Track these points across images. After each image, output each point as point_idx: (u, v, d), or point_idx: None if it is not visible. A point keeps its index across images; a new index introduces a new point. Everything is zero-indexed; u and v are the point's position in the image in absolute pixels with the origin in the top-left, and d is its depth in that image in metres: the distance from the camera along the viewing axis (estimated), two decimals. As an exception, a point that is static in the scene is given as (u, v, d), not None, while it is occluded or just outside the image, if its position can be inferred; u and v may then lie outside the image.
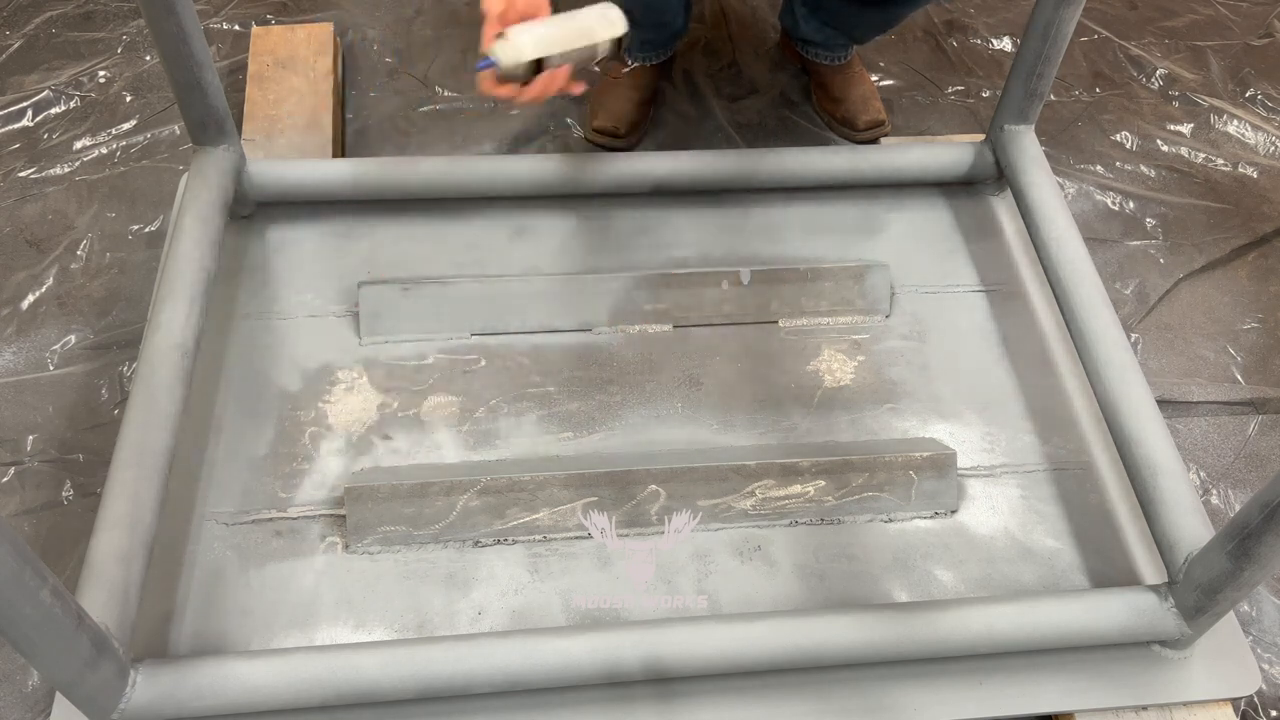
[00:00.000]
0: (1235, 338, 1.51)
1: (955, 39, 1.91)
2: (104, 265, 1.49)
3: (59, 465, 1.29)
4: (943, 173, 1.49)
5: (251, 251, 1.40)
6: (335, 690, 0.96)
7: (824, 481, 1.19)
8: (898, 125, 1.75)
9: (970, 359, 1.35)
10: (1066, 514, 1.22)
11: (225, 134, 1.32)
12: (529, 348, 1.33)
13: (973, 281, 1.43)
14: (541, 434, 1.25)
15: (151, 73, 1.74)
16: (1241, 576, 0.93)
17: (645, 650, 0.99)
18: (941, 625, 1.02)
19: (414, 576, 1.13)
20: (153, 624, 1.08)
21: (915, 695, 1.06)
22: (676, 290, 1.36)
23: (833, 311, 1.38)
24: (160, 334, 1.14)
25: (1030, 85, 1.37)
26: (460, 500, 1.15)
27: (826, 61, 1.70)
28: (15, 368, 1.37)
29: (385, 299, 1.32)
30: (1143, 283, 1.56)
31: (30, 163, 1.60)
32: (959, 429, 1.29)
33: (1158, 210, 1.66)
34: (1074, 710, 1.07)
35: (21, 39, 1.78)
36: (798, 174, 1.46)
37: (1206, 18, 1.98)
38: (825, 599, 1.14)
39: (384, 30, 1.86)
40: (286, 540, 1.15)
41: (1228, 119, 1.80)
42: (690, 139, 1.71)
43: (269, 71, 1.64)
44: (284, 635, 1.09)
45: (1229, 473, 1.37)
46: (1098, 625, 1.04)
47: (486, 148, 1.69)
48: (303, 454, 1.22)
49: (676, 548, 1.17)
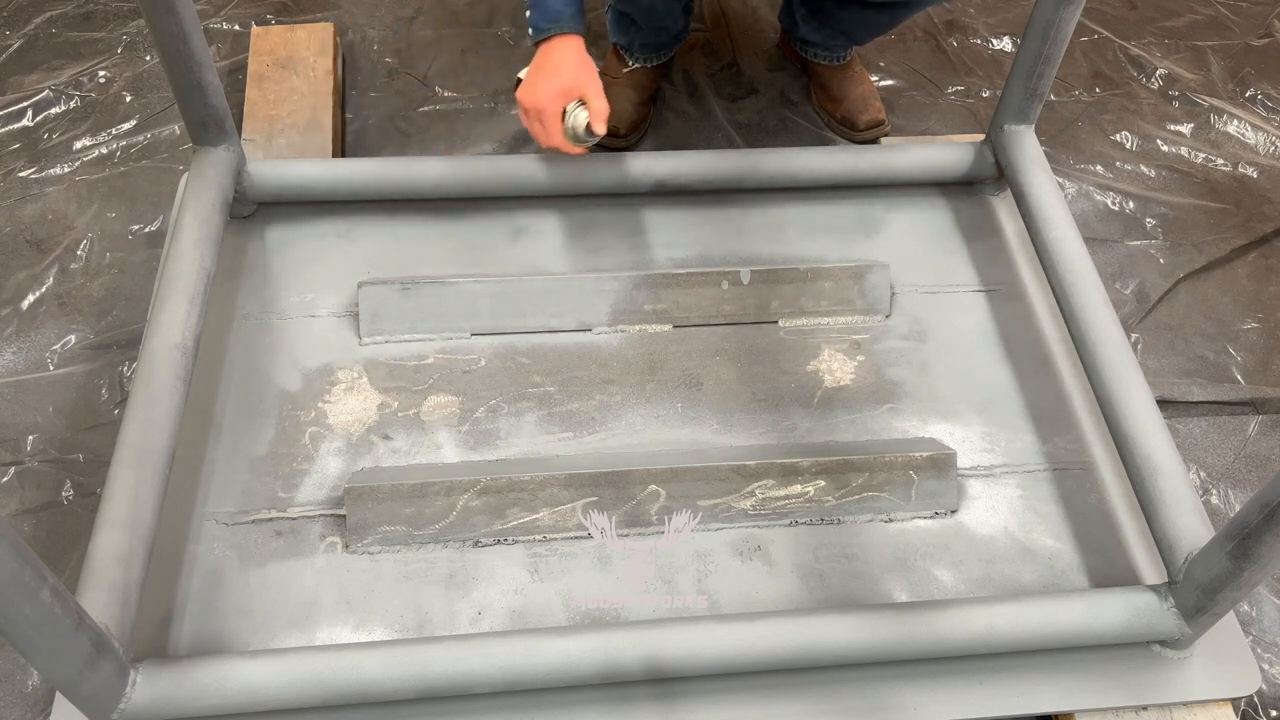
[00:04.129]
0: (1235, 338, 1.51)
1: (955, 39, 1.91)
2: (104, 265, 1.49)
3: (59, 465, 1.29)
4: (943, 173, 1.49)
5: (251, 251, 1.40)
6: (335, 690, 0.96)
7: (824, 481, 1.20)
8: (898, 125, 1.75)
9: (970, 359, 1.35)
10: (1066, 514, 1.22)
11: (225, 134, 1.32)
12: (529, 348, 1.33)
13: (973, 281, 1.43)
14: (541, 434, 1.25)
15: (151, 73, 1.74)
16: (1241, 576, 0.93)
17: (645, 650, 0.99)
18: (941, 625, 1.02)
19: (414, 576, 1.13)
20: (153, 624, 1.08)
21: (915, 695, 1.06)
22: (676, 290, 1.36)
23: (833, 311, 1.38)
24: (160, 334, 1.14)
25: (1030, 85, 1.37)
26: (460, 500, 1.15)
27: (826, 61, 1.70)
28: (15, 368, 1.38)
29: (385, 299, 1.32)
30: (1143, 283, 1.56)
31: (30, 163, 1.60)
32: (959, 429, 1.29)
33: (1158, 210, 1.66)
34: (1074, 710, 1.07)
35: (21, 39, 1.78)
36: (798, 174, 1.46)
37: (1206, 18, 1.98)
38: (825, 599, 1.14)
39: (384, 30, 1.86)
40: (286, 540, 1.15)
41: (1228, 119, 1.80)
42: (690, 139, 1.71)
43: (269, 71, 1.64)
44: (284, 635, 1.09)
45: (1229, 473, 1.37)
46: (1098, 625, 1.04)
47: (486, 148, 1.69)
48: (303, 454, 1.22)
49: (676, 548, 1.17)
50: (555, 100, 1.24)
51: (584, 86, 1.24)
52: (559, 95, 1.24)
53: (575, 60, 1.25)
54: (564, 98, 1.25)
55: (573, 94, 1.25)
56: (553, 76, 1.24)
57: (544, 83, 1.24)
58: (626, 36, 1.61)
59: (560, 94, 1.24)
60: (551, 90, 1.24)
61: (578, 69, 1.25)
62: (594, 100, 1.24)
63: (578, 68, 1.25)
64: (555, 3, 1.23)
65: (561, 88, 1.24)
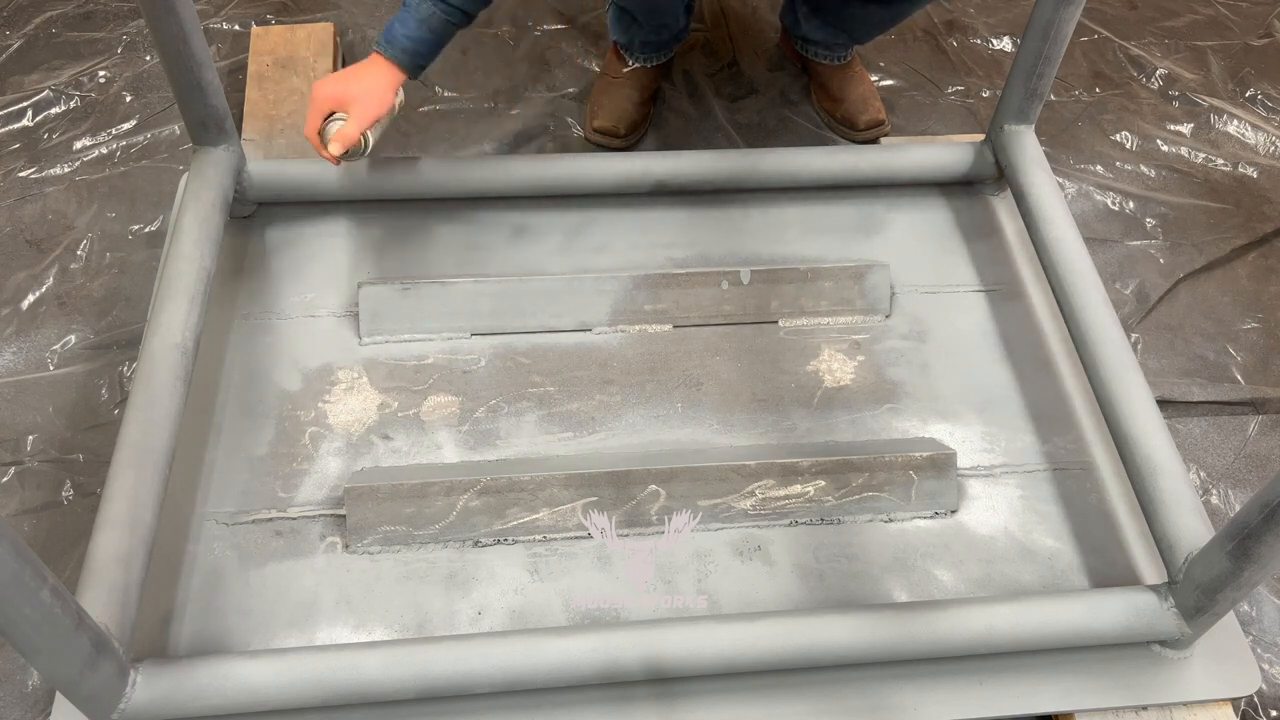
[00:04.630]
0: (1235, 338, 1.51)
1: (955, 39, 1.91)
2: (104, 265, 1.48)
3: (59, 465, 1.29)
4: (943, 173, 1.49)
5: (251, 251, 1.40)
6: (335, 690, 0.96)
7: (824, 481, 1.20)
8: (898, 125, 1.75)
9: (970, 359, 1.35)
10: (1066, 514, 1.22)
11: (225, 134, 1.32)
12: (529, 348, 1.33)
13: (973, 281, 1.43)
14: (541, 434, 1.25)
15: (151, 73, 1.74)
16: (1241, 576, 0.93)
17: (645, 650, 0.99)
18: (941, 625, 1.02)
19: (414, 576, 1.13)
20: (153, 624, 1.08)
21: (915, 695, 1.06)
22: (676, 290, 1.36)
23: (833, 311, 1.38)
24: (160, 334, 1.14)
25: (1030, 85, 1.37)
26: (460, 500, 1.15)
27: (826, 61, 1.70)
28: (15, 368, 1.37)
29: (385, 299, 1.32)
30: (1143, 283, 1.56)
31: (30, 163, 1.60)
32: (959, 429, 1.29)
33: (1158, 210, 1.66)
34: (1074, 710, 1.07)
35: (21, 39, 1.78)
36: (798, 174, 1.46)
37: (1206, 18, 1.98)
38: (825, 599, 1.14)
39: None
40: (286, 540, 1.15)
41: (1228, 119, 1.80)
42: (690, 139, 1.71)
43: (269, 71, 1.64)
44: (284, 635, 1.09)
45: (1229, 473, 1.37)
46: (1098, 625, 1.04)
47: (486, 148, 1.69)
48: (303, 454, 1.22)
49: (676, 548, 1.17)
50: (327, 99, 1.23)
51: (358, 106, 1.22)
52: (332, 97, 1.23)
53: (374, 83, 1.24)
54: (335, 102, 1.23)
55: (345, 104, 1.23)
56: (345, 80, 1.24)
57: (335, 80, 1.24)
58: (627, 35, 1.61)
59: (334, 97, 1.23)
60: (331, 89, 1.23)
61: (369, 91, 1.23)
62: (350, 124, 1.22)
63: (370, 90, 1.23)
64: (401, 29, 1.23)
65: (341, 93, 1.23)
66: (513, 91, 1.77)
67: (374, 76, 1.24)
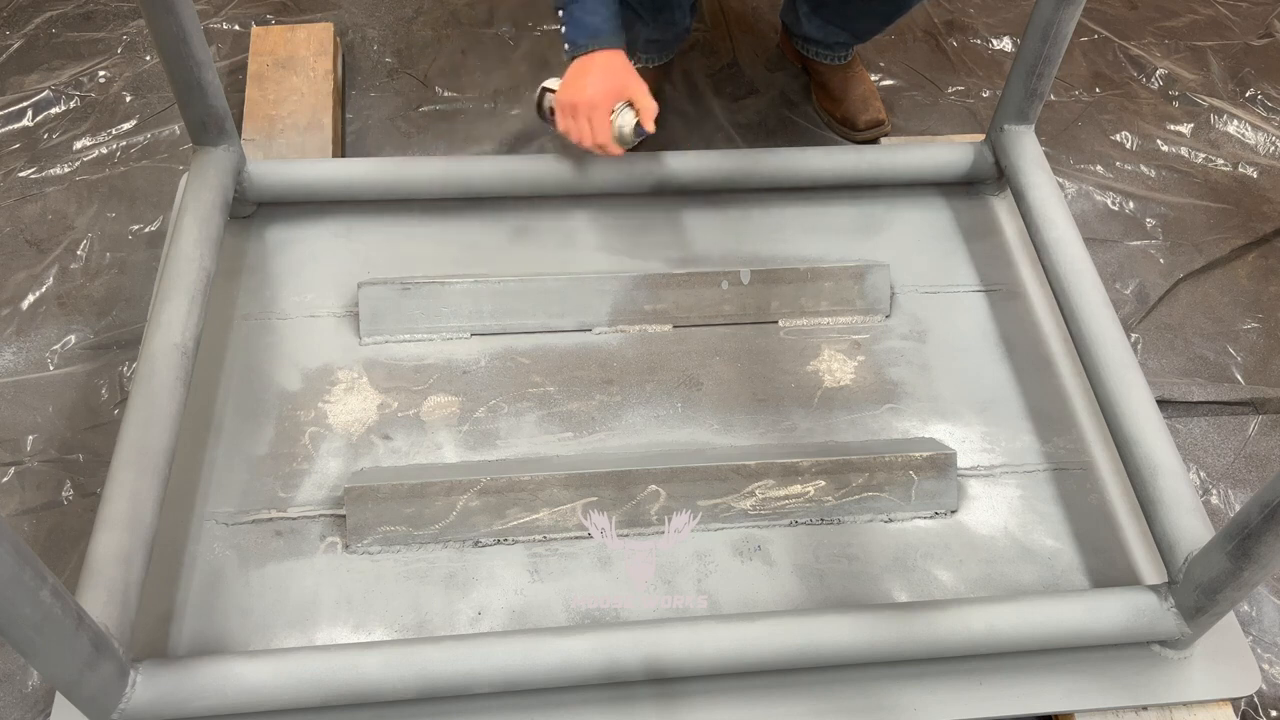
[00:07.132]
0: (1235, 338, 1.51)
1: (955, 39, 1.91)
2: (104, 265, 1.49)
3: (59, 465, 1.29)
4: (943, 173, 1.49)
5: (251, 251, 1.40)
6: (335, 690, 0.96)
7: (824, 481, 1.19)
8: (898, 125, 1.75)
9: (970, 359, 1.35)
10: (1066, 514, 1.22)
11: (225, 134, 1.32)
12: (529, 348, 1.33)
13: (973, 281, 1.43)
14: (541, 434, 1.25)
15: (151, 73, 1.74)
16: (1241, 576, 0.93)
17: (645, 650, 0.99)
18: (941, 625, 1.02)
19: (414, 577, 1.13)
20: (153, 624, 1.08)
21: (915, 695, 1.06)
22: (676, 290, 1.36)
23: (833, 311, 1.38)
24: (160, 334, 1.14)
25: (1030, 85, 1.37)
26: (460, 500, 1.15)
27: (827, 61, 1.70)
28: (15, 368, 1.38)
29: (385, 299, 1.32)
30: (1143, 283, 1.56)
31: (30, 163, 1.60)
32: (959, 429, 1.29)
33: (1158, 210, 1.66)
34: (1074, 710, 1.07)
35: (21, 39, 1.78)
36: (798, 174, 1.46)
37: (1206, 18, 1.98)
38: (825, 599, 1.14)
39: (384, 30, 1.86)
40: (286, 540, 1.15)
41: (1228, 119, 1.80)
42: (690, 139, 1.71)
43: (269, 71, 1.64)
44: (284, 635, 1.09)
45: (1229, 473, 1.37)
46: (1098, 625, 1.04)
47: (486, 148, 1.69)
48: (303, 454, 1.22)
49: (676, 548, 1.17)
50: (607, 98, 1.27)
51: (632, 88, 1.28)
52: (610, 94, 1.27)
53: (621, 65, 1.28)
54: (615, 97, 1.27)
55: (622, 94, 1.28)
56: (601, 78, 1.26)
57: (593, 83, 1.26)
58: (630, 34, 1.60)
59: (611, 92, 1.27)
60: (602, 89, 1.26)
61: (625, 72, 1.28)
62: (643, 99, 1.27)
63: (624, 71, 1.28)
64: (592, 19, 1.25)
65: (612, 87, 1.27)
66: (513, 91, 1.77)
67: (614, 61, 1.27)
